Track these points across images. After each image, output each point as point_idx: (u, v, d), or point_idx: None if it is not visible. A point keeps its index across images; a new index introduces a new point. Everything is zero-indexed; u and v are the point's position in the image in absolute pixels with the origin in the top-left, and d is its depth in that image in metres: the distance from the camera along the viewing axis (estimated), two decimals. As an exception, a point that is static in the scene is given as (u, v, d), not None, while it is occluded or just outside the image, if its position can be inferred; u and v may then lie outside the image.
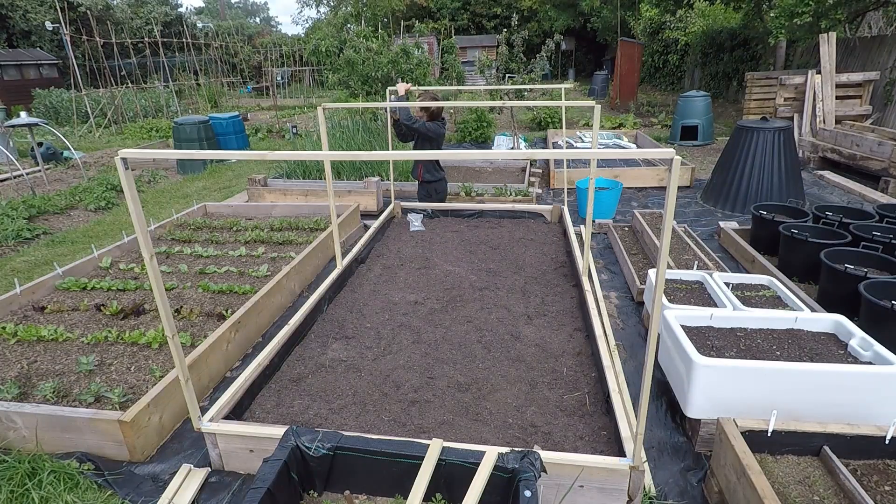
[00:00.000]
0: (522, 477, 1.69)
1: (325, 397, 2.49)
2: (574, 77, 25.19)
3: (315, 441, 1.89)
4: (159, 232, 4.70)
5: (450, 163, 7.69)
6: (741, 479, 1.84)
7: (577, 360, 2.73)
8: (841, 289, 3.12)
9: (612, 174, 6.28)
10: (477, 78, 11.62)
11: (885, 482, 1.88)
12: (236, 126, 9.72)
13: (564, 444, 2.15)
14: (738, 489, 1.86)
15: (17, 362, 2.74)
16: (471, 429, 2.25)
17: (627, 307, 3.50)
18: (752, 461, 1.83)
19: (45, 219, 5.80)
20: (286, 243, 4.41)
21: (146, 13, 26.08)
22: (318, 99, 19.27)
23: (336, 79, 10.19)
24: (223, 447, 2.15)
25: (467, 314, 3.22)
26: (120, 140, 11.60)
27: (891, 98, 7.84)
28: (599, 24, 22.25)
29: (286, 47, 23.22)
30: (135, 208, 1.67)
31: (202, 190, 7.15)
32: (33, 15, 22.75)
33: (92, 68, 16.60)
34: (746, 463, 1.82)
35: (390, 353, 2.84)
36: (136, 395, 2.45)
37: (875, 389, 2.07)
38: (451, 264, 3.97)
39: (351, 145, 7.35)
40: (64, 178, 7.79)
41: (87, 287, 3.61)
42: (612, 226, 4.71)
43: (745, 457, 1.84)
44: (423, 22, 14.34)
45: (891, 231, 3.61)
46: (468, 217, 5.08)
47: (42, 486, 2.03)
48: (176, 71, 17.93)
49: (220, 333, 2.83)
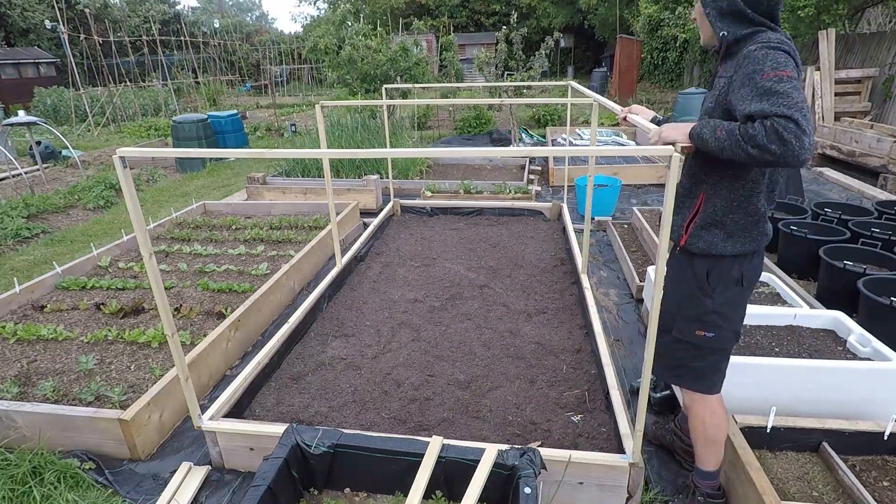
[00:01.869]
0: (522, 474, 1.70)
1: (325, 395, 2.49)
2: (573, 74, 25.14)
3: (315, 439, 1.90)
4: (158, 231, 4.69)
5: (448, 160, 7.69)
6: (740, 475, 1.84)
7: (576, 358, 2.74)
8: (840, 285, 3.13)
9: (611, 171, 6.28)
10: (476, 75, 11.59)
11: (883, 478, 1.88)
12: (235, 124, 9.70)
13: (564, 441, 2.16)
14: (737, 485, 1.87)
15: (16, 361, 2.74)
16: (470, 426, 2.25)
17: (627, 304, 3.50)
18: (751, 457, 1.83)
19: (44, 218, 5.79)
20: (285, 241, 4.41)
21: (144, 11, 26.00)
22: (316, 97, 19.23)
23: (335, 76, 10.17)
24: (223, 445, 2.15)
25: (467, 312, 3.22)
26: (118, 139, 11.58)
27: (890, 94, 7.84)
28: (598, 22, 22.21)
29: (284, 45, 23.16)
30: (133, 207, 1.67)
31: (201, 188, 7.15)
32: (31, 13, 22.67)
33: (90, 67, 16.54)
34: (745, 459, 1.82)
35: (390, 350, 2.85)
36: (137, 393, 2.45)
37: (873, 386, 2.08)
38: (451, 262, 3.97)
39: (350, 143, 7.34)
40: (62, 177, 7.78)
41: (87, 286, 3.61)
42: (611, 223, 4.71)
43: (744, 453, 1.84)
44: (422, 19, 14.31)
45: (889, 227, 3.62)
46: (467, 215, 5.08)
47: (43, 485, 2.03)
48: (174, 69, 17.89)
49: (220, 332, 2.83)
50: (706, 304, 1.64)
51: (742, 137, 1.36)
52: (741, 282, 1.63)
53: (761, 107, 1.34)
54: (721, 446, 1.81)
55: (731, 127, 1.40)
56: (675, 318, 1.71)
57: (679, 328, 1.70)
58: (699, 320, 1.66)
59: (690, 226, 1.65)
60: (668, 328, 1.72)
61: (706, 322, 1.65)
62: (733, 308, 1.66)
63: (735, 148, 1.39)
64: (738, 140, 1.37)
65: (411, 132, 9.38)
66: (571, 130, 9.61)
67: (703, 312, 1.65)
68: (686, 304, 1.68)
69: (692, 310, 1.67)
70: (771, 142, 1.31)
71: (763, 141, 1.32)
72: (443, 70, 12.84)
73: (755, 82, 1.38)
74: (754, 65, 1.40)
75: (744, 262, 1.62)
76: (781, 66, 1.36)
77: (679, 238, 1.68)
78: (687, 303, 1.68)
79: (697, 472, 1.87)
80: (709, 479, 1.85)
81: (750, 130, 1.34)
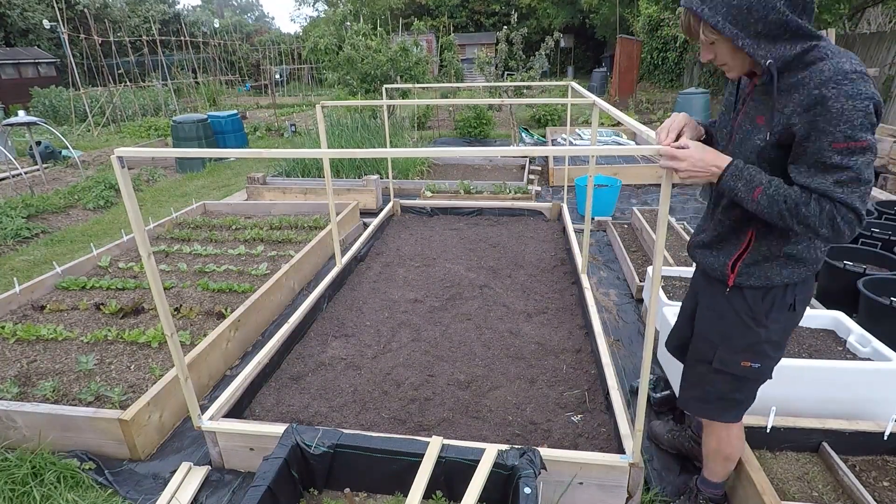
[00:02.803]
0: (522, 474, 1.70)
1: (324, 395, 2.49)
2: (573, 74, 25.14)
3: (315, 439, 1.90)
4: (158, 231, 4.69)
5: (448, 160, 7.69)
6: (740, 474, 1.84)
7: (576, 358, 2.74)
8: (840, 285, 3.13)
9: (611, 171, 6.28)
10: (476, 76, 11.59)
11: (883, 478, 1.88)
12: (235, 124, 9.69)
13: (564, 441, 2.15)
14: (737, 485, 1.87)
15: (16, 361, 2.74)
16: (470, 426, 2.25)
17: (627, 304, 3.50)
18: (751, 457, 1.84)
19: (44, 218, 5.79)
20: (285, 241, 4.41)
21: (144, 11, 26.01)
22: (316, 97, 19.23)
23: (335, 77, 10.17)
24: (223, 445, 2.15)
25: (467, 312, 3.22)
26: (118, 139, 11.58)
27: (890, 94, 7.84)
28: (598, 22, 22.21)
29: (284, 45, 23.17)
30: (131, 206, 1.66)
31: (201, 188, 7.14)
32: (31, 13, 22.68)
33: (90, 67, 16.54)
34: (745, 459, 1.82)
35: (390, 350, 2.84)
36: (136, 393, 2.45)
37: (873, 386, 2.07)
38: (451, 262, 3.97)
39: (350, 143, 7.34)
40: (62, 177, 7.77)
41: (87, 286, 3.61)
42: (611, 223, 4.71)
43: (744, 453, 1.84)
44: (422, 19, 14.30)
45: (889, 227, 3.62)
46: (467, 215, 5.08)
47: (43, 485, 2.03)
48: (174, 69, 17.89)
49: (220, 332, 2.83)
50: (759, 335, 1.48)
51: (790, 212, 1.20)
52: (794, 307, 1.47)
53: (826, 187, 1.17)
54: (734, 462, 1.77)
55: (774, 194, 1.23)
56: (715, 348, 1.55)
57: (721, 359, 1.54)
58: (748, 350, 1.50)
59: (738, 265, 1.45)
60: (707, 359, 1.58)
61: (756, 352, 1.50)
62: (786, 335, 1.53)
63: (775, 217, 1.23)
64: (782, 213, 1.22)
65: (411, 132, 9.38)
66: (571, 130, 9.61)
67: (754, 342, 1.49)
68: (734, 333, 1.51)
69: (741, 340, 1.50)
70: (822, 226, 1.18)
71: (814, 223, 1.18)
72: (443, 70, 12.85)
73: (822, 150, 1.16)
74: (826, 123, 1.15)
75: (798, 287, 1.45)
76: (859, 131, 1.13)
77: (725, 278, 1.49)
78: (735, 332, 1.51)
79: (703, 481, 1.85)
80: (715, 488, 1.83)
81: (803, 209, 1.19)
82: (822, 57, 1.18)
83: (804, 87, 1.18)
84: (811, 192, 1.20)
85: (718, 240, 1.51)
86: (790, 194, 1.21)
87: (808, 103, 1.17)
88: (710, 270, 1.55)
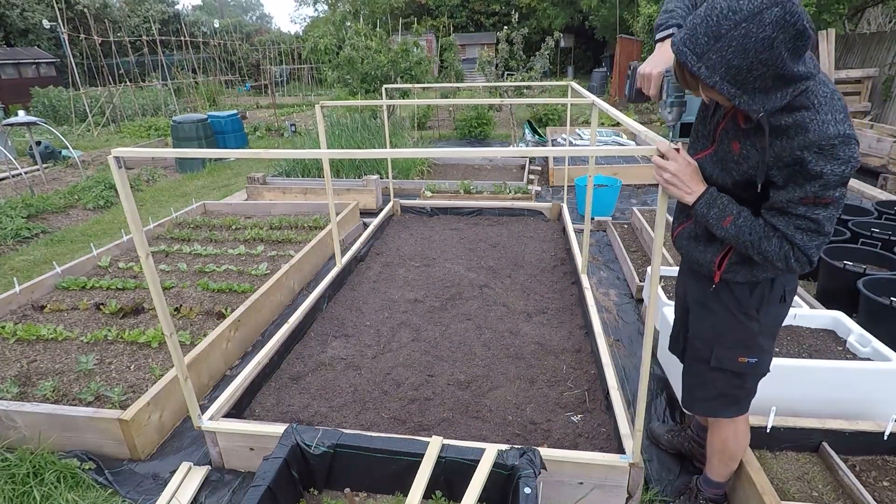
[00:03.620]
0: (522, 474, 1.70)
1: (324, 395, 2.49)
2: (573, 74, 25.15)
3: (315, 439, 1.90)
4: (158, 230, 4.69)
5: (448, 160, 7.69)
6: (740, 475, 1.84)
7: (576, 358, 2.74)
8: (839, 285, 3.13)
9: (611, 171, 6.28)
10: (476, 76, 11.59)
11: (883, 478, 1.88)
12: (235, 124, 9.69)
13: (564, 441, 2.15)
14: (737, 485, 1.87)
15: (16, 361, 2.74)
16: (470, 426, 2.25)
17: (626, 304, 3.50)
18: (750, 457, 1.84)
19: (44, 218, 5.79)
20: (285, 241, 4.41)
21: (144, 11, 26.00)
22: (316, 97, 19.23)
23: (335, 77, 10.17)
24: (223, 445, 2.15)
25: (467, 312, 3.22)
26: (118, 139, 11.58)
27: (890, 95, 7.84)
28: (598, 23, 22.20)
29: (284, 45, 23.16)
30: (129, 206, 1.66)
31: (201, 188, 7.14)
32: (31, 13, 22.68)
33: (90, 67, 16.54)
34: (745, 459, 1.82)
35: (390, 350, 2.85)
36: (136, 393, 2.45)
37: (873, 386, 2.08)
38: (451, 262, 3.97)
39: (350, 143, 7.34)
40: (62, 177, 7.78)
41: (87, 286, 3.61)
42: (611, 223, 4.71)
43: (745, 453, 1.84)
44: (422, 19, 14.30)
45: (889, 227, 3.62)
46: (467, 215, 5.08)
47: (43, 485, 2.03)
48: (174, 69, 17.89)
49: (220, 332, 2.83)
50: (751, 328, 1.52)
51: (752, 244, 1.31)
52: (784, 297, 1.52)
53: (788, 231, 1.26)
54: (738, 462, 1.78)
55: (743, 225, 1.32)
56: (711, 346, 1.58)
57: (718, 356, 1.56)
58: (742, 346, 1.54)
59: (724, 262, 1.48)
60: (704, 357, 1.60)
61: (750, 347, 1.53)
62: (778, 327, 1.57)
63: (738, 244, 1.35)
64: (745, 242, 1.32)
65: (411, 132, 9.38)
66: (571, 130, 9.61)
67: (747, 337, 1.53)
68: (727, 330, 1.54)
69: (734, 336, 1.54)
70: (778, 260, 1.29)
71: (772, 258, 1.29)
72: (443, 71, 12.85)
73: (791, 200, 1.24)
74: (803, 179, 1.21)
75: (786, 278, 1.50)
76: (829, 188, 1.19)
77: (711, 274, 1.52)
78: (728, 329, 1.54)
79: (706, 480, 1.85)
80: (717, 488, 1.84)
81: (764, 244, 1.29)
82: (807, 106, 1.19)
83: (788, 141, 1.21)
84: (775, 230, 1.29)
85: (705, 237, 1.53)
86: (755, 228, 1.31)
87: (788, 161, 1.22)
88: (697, 266, 1.58)
